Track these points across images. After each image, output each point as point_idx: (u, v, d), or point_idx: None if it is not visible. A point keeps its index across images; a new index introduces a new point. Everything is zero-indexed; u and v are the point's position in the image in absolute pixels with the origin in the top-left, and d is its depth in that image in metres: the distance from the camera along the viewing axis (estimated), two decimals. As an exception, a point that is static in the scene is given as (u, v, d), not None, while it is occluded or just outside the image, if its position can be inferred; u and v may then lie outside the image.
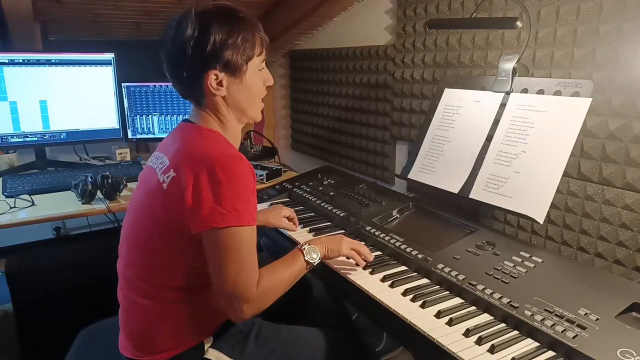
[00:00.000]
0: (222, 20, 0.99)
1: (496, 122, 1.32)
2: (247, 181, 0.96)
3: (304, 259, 1.08)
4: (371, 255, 1.17)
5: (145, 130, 2.25)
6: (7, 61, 1.91)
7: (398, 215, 1.43)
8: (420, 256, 1.16)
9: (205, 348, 1.06)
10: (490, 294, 0.98)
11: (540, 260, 1.07)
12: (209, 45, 0.97)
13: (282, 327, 1.15)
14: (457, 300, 1.01)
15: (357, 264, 1.16)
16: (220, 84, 1.02)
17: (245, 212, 0.94)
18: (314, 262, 1.09)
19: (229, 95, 1.04)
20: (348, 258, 1.17)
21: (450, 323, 0.92)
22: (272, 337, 1.12)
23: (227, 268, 0.94)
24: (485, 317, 0.95)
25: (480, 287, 1.00)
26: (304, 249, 1.09)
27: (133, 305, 1.05)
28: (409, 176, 1.49)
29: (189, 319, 1.04)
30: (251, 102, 1.08)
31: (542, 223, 1.13)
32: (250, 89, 1.06)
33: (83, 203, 1.63)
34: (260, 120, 1.15)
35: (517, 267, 1.05)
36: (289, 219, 1.42)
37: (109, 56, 2.11)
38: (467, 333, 0.89)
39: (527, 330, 0.89)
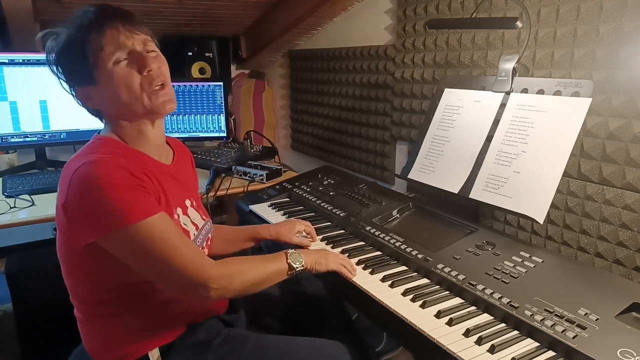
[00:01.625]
0: (51, 31, 0.97)
1: (496, 122, 1.31)
2: (112, 180, 0.87)
3: (287, 262, 1.05)
4: (356, 271, 1.13)
5: (145, 130, 2.25)
6: (7, 61, 1.91)
7: (398, 215, 1.43)
8: (420, 256, 1.16)
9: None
10: (490, 294, 0.98)
11: (540, 260, 1.07)
12: (52, 65, 0.98)
13: (251, 335, 1.09)
14: (457, 300, 1.01)
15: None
16: (86, 97, 0.99)
17: (128, 208, 0.87)
18: (296, 268, 1.05)
19: (103, 103, 1.00)
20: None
21: (450, 323, 0.92)
22: (237, 347, 1.04)
23: (159, 263, 0.89)
24: (485, 317, 0.95)
25: (480, 287, 1.00)
26: (289, 252, 1.06)
27: (77, 318, 1.06)
28: (409, 176, 1.49)
29: (122, 331, 1.00)
30: (127, 95, 0.96)
31: (542, 223, 1.13)
32: (112, 85, 0.95)
33: (83, 203, 1.63)
34: (173, 108, 1.02)
35: (517, 267, 1.05)
36: (306, 233, 1.33)
37: (109, 56, 2.10)
38: (467, 333, 0.89)
39: (527, 330, 0.89)
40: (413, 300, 1.01)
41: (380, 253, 1.24)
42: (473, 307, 0.98)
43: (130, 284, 0.96)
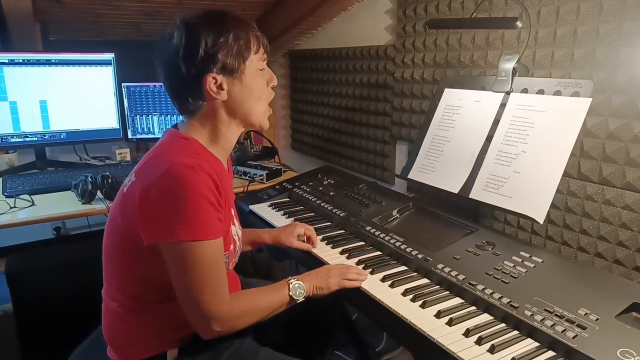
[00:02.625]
0: (209, 22, 0.97)
1: (496, 122, 1.31)
2: (200, 192, 0.90)
3: (289, 293, 1.05)
4: (364, 274, 1.12)
5: (145, 130, 2.25)
6: (7, 61, 1.91)
7: (398, 215, 1.43)
8: (420, 256, 1.16)
9: (169, 358, 1.03)
10: (490, 294, 0.98)
11: (540, 260, 1.07)
12: (200, 49, 0.94)
13: (263, 350, 1.10)
14: (457, 300, 1.01)
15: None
16: (220, 87, 0.99)
17: (200, 225, 0.90)
18: (297, 300, 1.06)
19: (230, 99, 1.01)
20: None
21: (450, 323, 0.92)
22: (247, 359, 1.06)
23: (189, 284, 0.92)
24: (485, 317, 0.95)
25: (480, 287, 1.00)
26: (291, 283, 1.06)
27: (106, 306, 1.07)
28: (409, 176, 1.49)
29: (149, 327, 1.02)
30: (255, 103, 1.04)
31: (542, 223, 1.13)
32: (252, 90, 1.03)
33: (83, 203, 1.63)
34: (268, 127, 1.11)
35: (517, 267, 1.05)
36: (306, 237, 1.31)
37: (109, 56, 2.11)
38: (467, 333, 0.89)
39: (527, 330, 0.89)
40: (413, 300, 1.01)
41: (380, 253, 1.24)
42: (473, 307, 0.98)
43: (166, 284, 0.97)
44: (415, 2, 1.77)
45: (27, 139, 2.00)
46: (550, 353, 0.84)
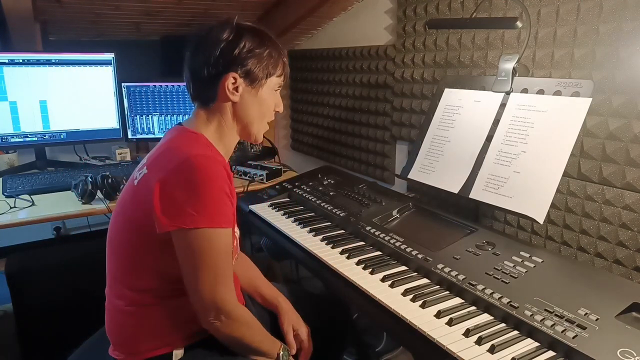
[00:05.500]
0: (255, 33, 1.05)
1: (496, 122, 1.31)
2: (218, 181, 0.94)
3: (278, 352, 1.08)
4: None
5: (145, 130, 2.25)
6: (7, 61, 1.91)
7: (398, 215, 1.43)
8: (420, 256, 1.16)
9: (174, 358, 1.03)
10: (490, 294, 0.98)
11: (540, 260, 1.07)
12: (237, 48, 1.01)
13: None
14: (457, 300, 1.01)
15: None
16: (236, 89, 1.03)
17: (217, 213, 0.93)
18: None
19: (240, 104, 1.05)
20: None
21: (450, 323, 0.92)
22: None
23: (202, 274, 0.93)
24: (485, 317, 0.95)
25: (480, 287, 1.00)
26: (281, 353, 1.08)
27: (111, 304, 1.07)
28: (409, 176, 1.49)
29: (159, 323, 1.02)
30: (258, 118, 1.09)
31: (542, 223, 1.13)
32: (262, 105, 1.08)
33: (83, 203, 1.63)
34: (260, 142, 1.17)
35: (517, 267, 1.05)
36: (295, 335, 1.21)
37: (109, 56, 2.11)
38: (467, 333, 0.89)
39: (527, 330, 0.89)
40: (413, 300, 1.01)
41: (380, 253, 1.24)
42: (473, 307, 0.98)
43: (175, 278, 0.98)
44: (415, 2, 1.77)
45: (27, 139, 2.00)
46: (550, 353, 0.84)
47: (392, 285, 1.07)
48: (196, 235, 0.92)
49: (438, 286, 1.07)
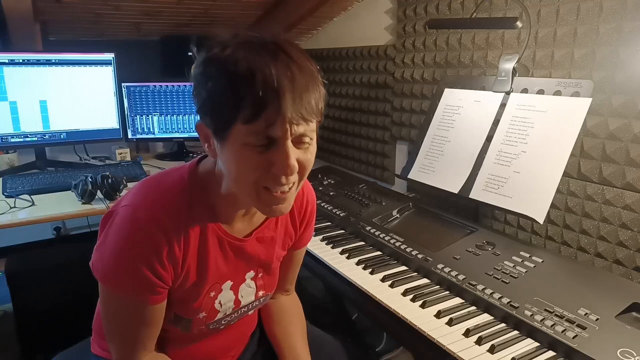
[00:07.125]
0: (221, 60, 0.71)
1: (496, 122, 1.32)
2: (136, 248, 0.75)
3: None
4: None
5: (146, 130, 2.25)
6: (7, 61, 1.91)
7: (398, 215, 1.43)
8: (420, 256, 1.16)
9: None
10: (490, 294, 0.98)
11: (540, 260, 1.07)
12: (199, 86, 0.73)
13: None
14: (457, 300, 1.01)
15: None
16: (207, 140, 0.76)
17: (114, 275, 0.77)
18: None
19: (220, 160, 0.78)
20: None
21: (450, 323, 0.92)
22: None
23: (105, 324, 0.85)
24: (485, 317, 0.95)
25: (480, 287, 1.00)
26: None
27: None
28: (409, 176, 1.49)
29: None
30: (235, 182, 0.75)
31: (542, 223, 1.13)
32: (233, 165, 0.73)
33: (83, 203, 1.63)
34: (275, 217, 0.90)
35: (517, 267, 1.05)
36: None
37: (109, 56, 2.10)
38: (467, 333, 0.89)
39: (527, 330, 0.89)
40: (413, 300, 1.01)
41: (380, 253, 1.24)
42: (473, 307, 0.98)
43: None
44: (415, 2, 1.77)
45: (27, 139, 2.00)
46: (550, 353, 0.84)
47: (392, 285, 1.07)
48: (100, 285, 0.81)
49: (438, 286, 1.07)
